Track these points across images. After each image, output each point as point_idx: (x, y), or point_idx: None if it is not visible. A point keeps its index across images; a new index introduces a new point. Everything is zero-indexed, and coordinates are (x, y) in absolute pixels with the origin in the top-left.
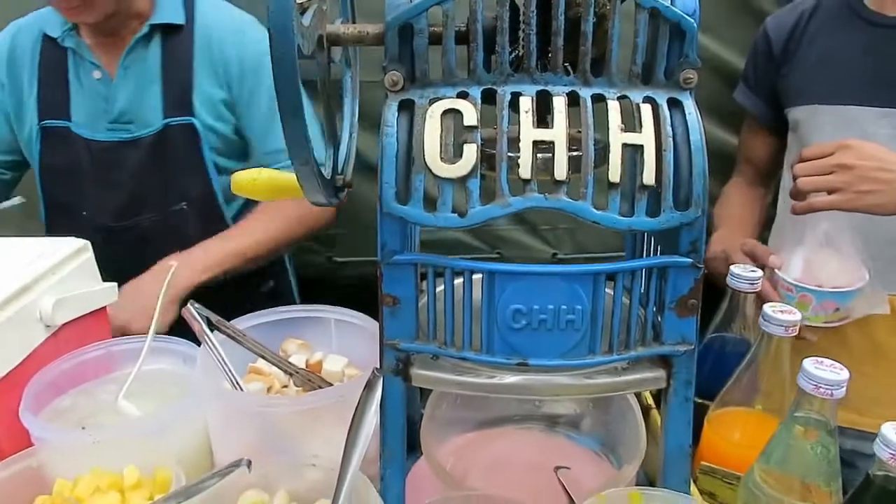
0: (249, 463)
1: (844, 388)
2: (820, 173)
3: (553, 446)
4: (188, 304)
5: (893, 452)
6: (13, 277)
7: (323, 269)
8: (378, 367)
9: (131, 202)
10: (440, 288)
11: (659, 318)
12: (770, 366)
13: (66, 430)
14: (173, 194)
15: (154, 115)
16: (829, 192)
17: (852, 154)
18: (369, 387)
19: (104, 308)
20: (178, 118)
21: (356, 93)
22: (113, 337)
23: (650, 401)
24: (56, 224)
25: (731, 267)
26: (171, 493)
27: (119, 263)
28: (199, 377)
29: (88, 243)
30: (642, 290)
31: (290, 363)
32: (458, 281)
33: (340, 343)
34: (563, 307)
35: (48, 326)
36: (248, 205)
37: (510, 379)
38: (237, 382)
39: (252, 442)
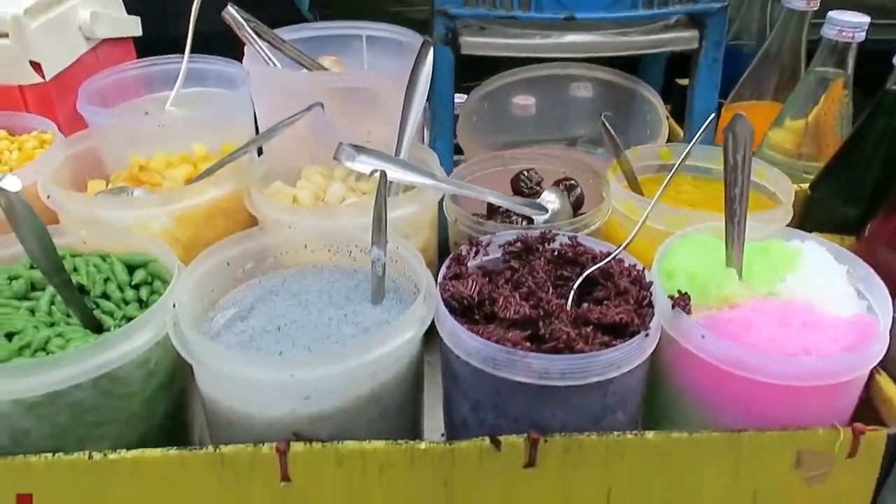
0: (322, 105)
1: (864, 32)
2: None
3: (574, 159)
4: (228, 7)
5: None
6: None
7: None
8: (428, 37)
9: None
10: None
11: None
12: (786, 48)
13: (132, 115)
14: None
15: None
16: None
17: None
18: (420, 56)
19: (132, 40)
20: None
21: None
22: None
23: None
24: None
25: None
26: (249, 140)
27: None
28: (247, 66)
29: None
30: None
31: (325, 67)
32: None
33: (371, 60)
34: None
35: (88, 39)
36: None
37: (556, 39)
38: None
39: (304, 125)
